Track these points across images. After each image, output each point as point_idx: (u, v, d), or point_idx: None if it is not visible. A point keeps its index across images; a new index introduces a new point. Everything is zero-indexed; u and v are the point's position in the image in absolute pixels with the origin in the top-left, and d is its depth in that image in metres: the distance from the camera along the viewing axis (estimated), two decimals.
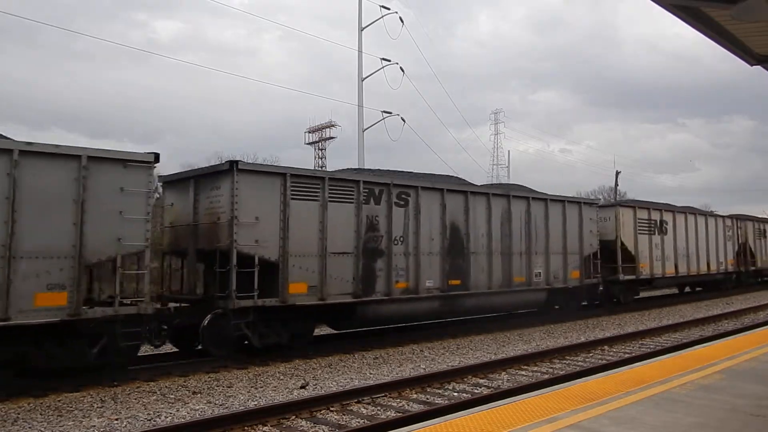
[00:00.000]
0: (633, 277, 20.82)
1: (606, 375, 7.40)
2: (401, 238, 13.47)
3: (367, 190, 12.95)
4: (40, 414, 7.77)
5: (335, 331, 14.04)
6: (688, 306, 22.57)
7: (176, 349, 12.14)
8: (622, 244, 20.50)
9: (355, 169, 14.38)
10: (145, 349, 11.35)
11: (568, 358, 11.97)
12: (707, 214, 26.30)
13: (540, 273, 16.91)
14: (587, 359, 11.91)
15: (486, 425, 5.07)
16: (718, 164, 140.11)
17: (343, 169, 15.23)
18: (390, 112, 30.17)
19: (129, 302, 9.87)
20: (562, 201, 17.98)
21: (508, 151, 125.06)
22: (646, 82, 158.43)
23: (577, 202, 18.79)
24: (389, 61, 30.69)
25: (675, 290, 28.56)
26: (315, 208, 12.05)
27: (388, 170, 15.33)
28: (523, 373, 10.58)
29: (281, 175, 11.71)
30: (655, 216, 22.26)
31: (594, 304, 20.13)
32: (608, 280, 20.19)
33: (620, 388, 6.42)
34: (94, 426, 7.28)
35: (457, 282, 14.62)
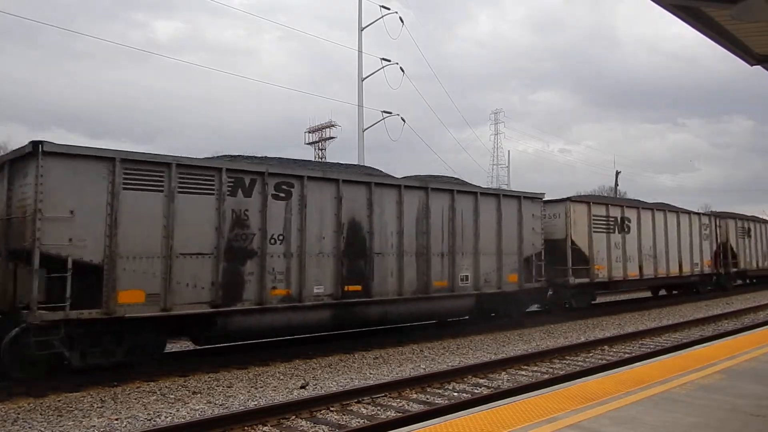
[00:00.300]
0: (586, 280, 18.61)
1: (606, 375, 7.40)
2: (281, 237, 11.30)
3: (232, 180, 10.84)
4: (40, 414, 7.77)
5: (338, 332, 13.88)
6: (687, 306, 22.55)
7: None
8: (574, 243, 18.42)
9: (232, 157, 12.28)
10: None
11: (568, 358, 11.97)
12: (680, 211, 23.90)
13: (467, 276, 14.75)
14: (587, 359, 11.91)
15: (486, 425, 5.07)
16: (718, 164, 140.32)
17: (213, 157, 12.66)
18: (390, 112, 30.16)
19: None
20: (496, 195, 16.03)
21: (508, 151, 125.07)
22: (646, 82, 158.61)
23: (516, 197, 16.46)
24: (389, 61, 30.68)
25: (648, 293, 26.94)
26: (157, 200, 9.99)
27: (276, 159, 13.15)
28: (523, 373, 10.58)
29: (109, 160, 9.56)
30: (615, 213, 20.21)
31: (546, 310, 18.71)
32: (557, 284, 18.26)
33: (620, 388, 6.42)
34: (94, 426, 7.28)
35: (357, 288, 12.45)
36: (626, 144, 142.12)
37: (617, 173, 51.77)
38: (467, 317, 15.96)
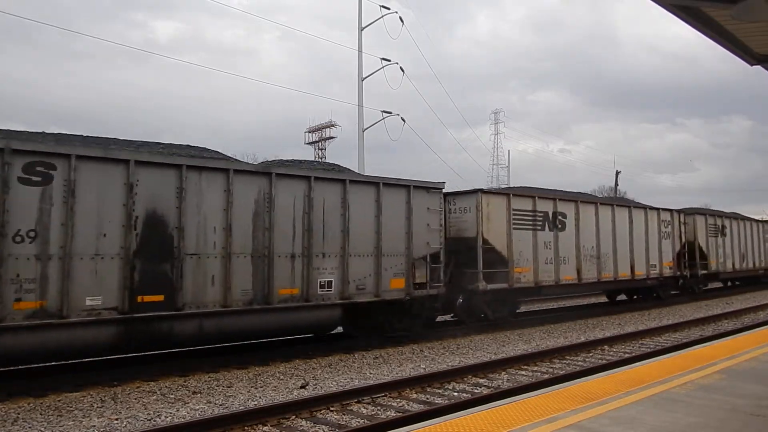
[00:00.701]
0: (503, 285, 15.68)
1: (606, 375, 7.40)
2: (32, 234, 8.68)
3: None
4: (40, 414, 7.77)
5: (342, 332, 13.64)
6: (687, 306, 22.55)
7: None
8: (487, 242, 15.39)
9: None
10: None
11: (568, 357, 11.97)
12: (632, 206, 21.32)
13: (330, 283, 11.94)
14: (587, 359, 11.91)
15: (486, 425, 5.08)
16: (717, 164, 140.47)
17: None
18: (390, 112, 30.14)
19: None
20: (374, 184, 12.97)
21: (508, 151, 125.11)
22: (646, 82, 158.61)
23: (404, 186, 13.50)
24: (389, 60, 30.68)
25: (604, 299, 24.02)
26: None
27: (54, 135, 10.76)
28: (523, 372, 10.58)
29: None
30: (545, 207, 17.20)
31: (457, 321, 16.24)
32: (467, 290, 15.47)
33: (620, 387, 6.42)
34: (94, 426, 7.28)
35: (158, 298, 9.78)
36: (626, 144, 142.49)
37: (617, 173, 51.76)
38: (338, 330, 13.52)
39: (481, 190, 15.90)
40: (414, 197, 13.62)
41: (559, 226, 17.71)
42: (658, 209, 22.22)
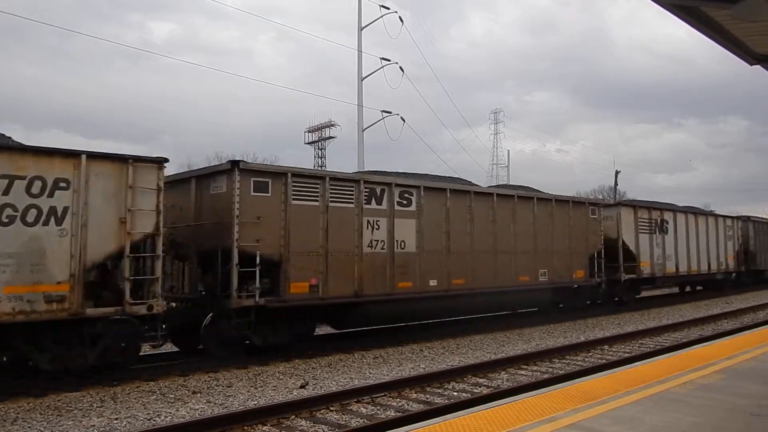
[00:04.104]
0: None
1: (606, 374, 7.40)
2: None
3: None
4: (40, 414, 7.77)
5: (337, 331, 13.78)
6: (687, 306, 22.56)
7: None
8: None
9: None
10: None
11: (567, 357, 11.97)
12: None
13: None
14: (587, 359, 11.92)
15: (486, 425, 5.07)
16: (714, 164, 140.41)
17: None
18: (389, 112, 30.17)
19: None
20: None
21: (508, 151, 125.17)
22: (641, 82, 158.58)
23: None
24: (389, 60, 30.69)
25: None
26: None
27: None
28: (523, 372, 10.58)
29: None
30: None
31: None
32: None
33: (620, 387, 6.42)
34: (94, 426, 7.28)
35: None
36: (623, 144, 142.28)
37: (617, 173, 51.58)
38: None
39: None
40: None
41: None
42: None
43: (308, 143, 51.17)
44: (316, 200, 12.00)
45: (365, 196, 12.78)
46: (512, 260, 15.92)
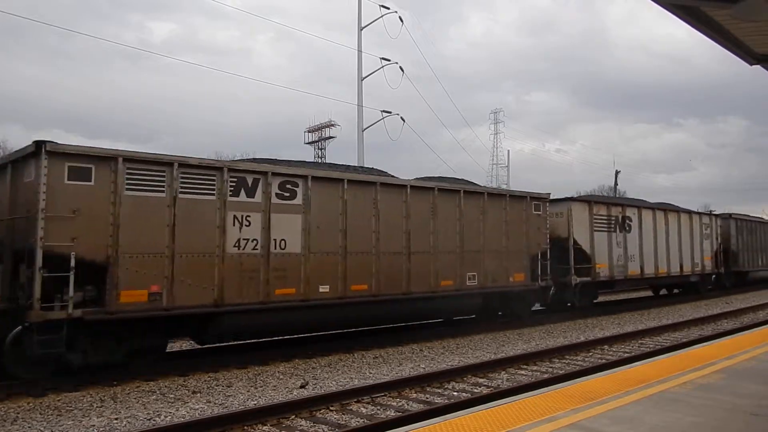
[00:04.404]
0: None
1: (605, 374, 7.39)
2: None
3: None
4: (40, 414, 7.77)
5: (338, 332, 13.52)
6: (687, 306, 22.55)
7: None
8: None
9: None
10: None
11: (567, 357, 11.97)
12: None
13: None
14: (587, 359, 11.91)
15: (486, 425, 5.07)
16: (714, 164, 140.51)
17: None
18: (389, 112, 30.13)
19: None
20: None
21: (508, 151, 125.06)
22: (642, 82, 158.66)
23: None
24: (389, 60, 30.68)
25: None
26: None
27: None
28: (523, 372, 10.58)
29: None
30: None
31: None
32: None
33: (620, 387, 6.42)
34: (94, 425, 7.28)
35: None
36: (623, 144, 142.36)
37: (617, 173, 51.75)
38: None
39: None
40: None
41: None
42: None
43: (308, 143, 51.20)
44: (161, 191, 9.92)
45: (231, 186, 10.71)
46: (431, 262, 13.72)
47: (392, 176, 14.39)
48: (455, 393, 8.99)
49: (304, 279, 11.50)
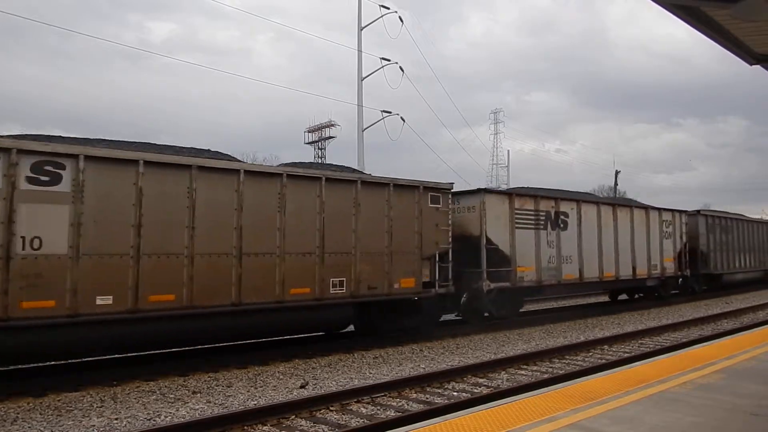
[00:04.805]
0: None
1: (605, 374, 7.39)
2: None
3: None
4: (40, 414, 7.77)
5: (336, 332, 13.52)
6: (687, 306, 22.56)
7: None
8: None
9: None
10: None
11: (567, 357, 11.97)
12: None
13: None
14: (587, 359, 11.92)
15: (486, 425, 5.07)
16: (714, 164, 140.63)
17: None
18: (389, 112, 30.13)
19: None
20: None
21: (508, 151, 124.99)
22: (641, 82, 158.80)
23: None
24: (389, 60, 30.69)
25: None
26: None
27: None
28: (523, 372, 10.59)
29: None
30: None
31: None
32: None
33: (620, 387, 6.42)
34: (94, 426, 7.28)
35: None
36: (622, 144, 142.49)
37: (617, 173, 51.71)
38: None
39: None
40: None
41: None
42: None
43: (308, 143, 51.22)
44: None
45: None
46: (277, 266, 11.10)
47: (224, 157, 12.03)
48: (455, 393, 8.99)
49: (70, 288, 8.81)
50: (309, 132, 50.84)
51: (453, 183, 14.49)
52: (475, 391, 9.08)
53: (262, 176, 11.26)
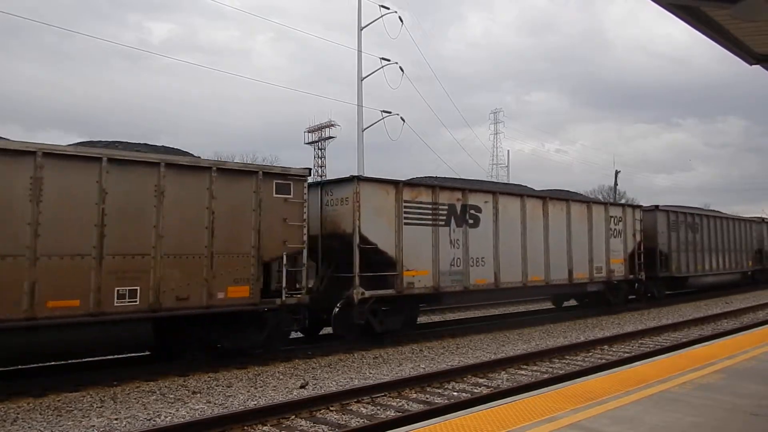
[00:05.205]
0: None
1: (605, 374, 7.40)
2: None
3: None
4: (40, 414, 7.77)
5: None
6: (687, 306, 22.55)
7: None
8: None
9: None
10: None
11: (567, 357, 11.97)
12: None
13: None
14: (587, 359, 11.92)
15: (486, 425, 5.07)
16: (714, 164, 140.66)
17: None
18: (389, 112, 30.14)
19: None
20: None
21: (508, 151, 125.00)
22: (641, 82, 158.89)
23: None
24: (389, 60, 30.69)
25: None
26: None
27: None
28: (523, 372, 10.58)
29: None
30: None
31: None
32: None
33: (620, 387, 6.42)
34: (94, 426, 7.28)
35: None
36: (622, 144, 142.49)
37: (617, 173, 51.61)
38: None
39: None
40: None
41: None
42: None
43: (308, 143, 51.27)
44: None
45: None
46: (25, 272, 8.53)
47: None
48: (455, 393, 8.99)
49: None
50: (309, 132, 50.89)
51: (309, 168, 12.30)
52: (475, 391, 9.08)
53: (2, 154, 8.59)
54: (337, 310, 12.29)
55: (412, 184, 14.04)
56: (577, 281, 17.70)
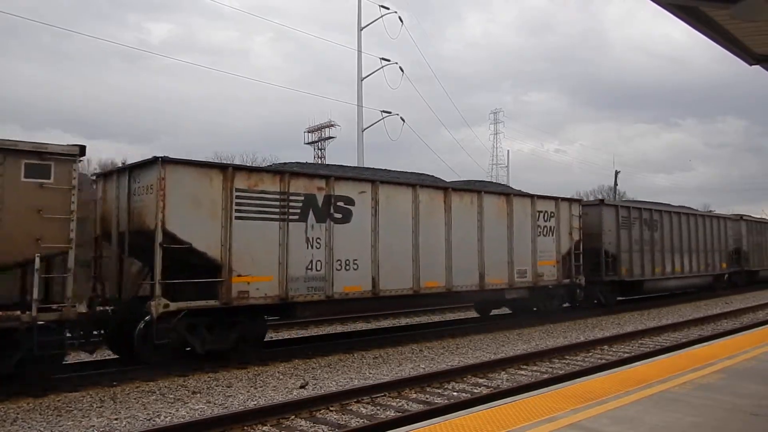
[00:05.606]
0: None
1: (605, 374, 7.40)
2: None
3: None
4: (40, 414, 7.77)
5: (336, 331, 13.17)
6: (687, 306, 22.55)
7: None
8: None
9: None
10: None
11: (567, 357, 11.97)
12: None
13: None
14: (587, 359, 11.91)
15: (485, 425, 5.07)
16: (713, 164, 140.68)
17: None
18: (389, 112, 30.13)
19: None
20: None
21: (507, 151, 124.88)
22: (640, 82, 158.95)
23: None
24: (389, 60, 30.69)
25: None
26: None
27: None
28: (523, 372, 10.58)
29: None
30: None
31: None
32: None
33: (620, 387, 6.42)
34: (94, 426, 7.28)
35: None
36: (622, 144, 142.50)
37: (617, 173, 51.55)
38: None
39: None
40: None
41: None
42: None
43: (308, 143, 51.17)
44: None
45: None
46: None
47: None
48: (455, 393, 8.99)
49: None
50: (309, 132, 50.80)
51: (79, 146, 9.20)
52: (475, 391, 9.08)
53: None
54: (141, 326, 9.88)
55: (250, 169, 11.86)
56: (491, 287, 15.02)
